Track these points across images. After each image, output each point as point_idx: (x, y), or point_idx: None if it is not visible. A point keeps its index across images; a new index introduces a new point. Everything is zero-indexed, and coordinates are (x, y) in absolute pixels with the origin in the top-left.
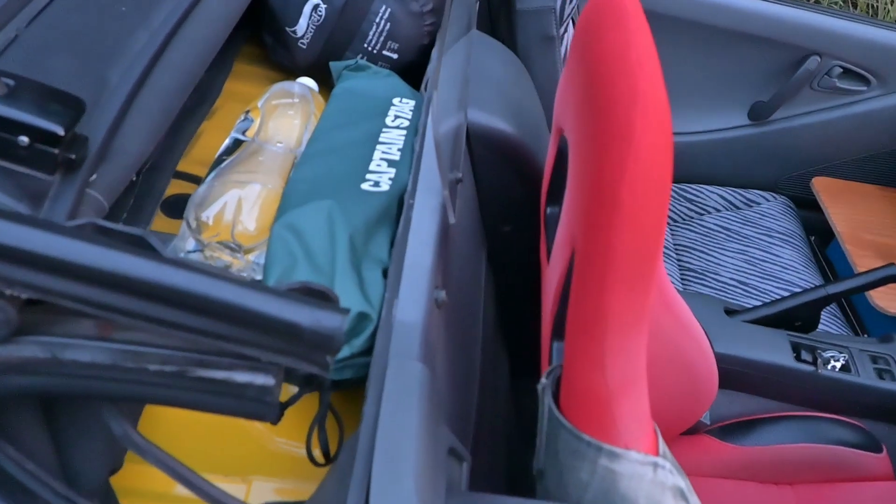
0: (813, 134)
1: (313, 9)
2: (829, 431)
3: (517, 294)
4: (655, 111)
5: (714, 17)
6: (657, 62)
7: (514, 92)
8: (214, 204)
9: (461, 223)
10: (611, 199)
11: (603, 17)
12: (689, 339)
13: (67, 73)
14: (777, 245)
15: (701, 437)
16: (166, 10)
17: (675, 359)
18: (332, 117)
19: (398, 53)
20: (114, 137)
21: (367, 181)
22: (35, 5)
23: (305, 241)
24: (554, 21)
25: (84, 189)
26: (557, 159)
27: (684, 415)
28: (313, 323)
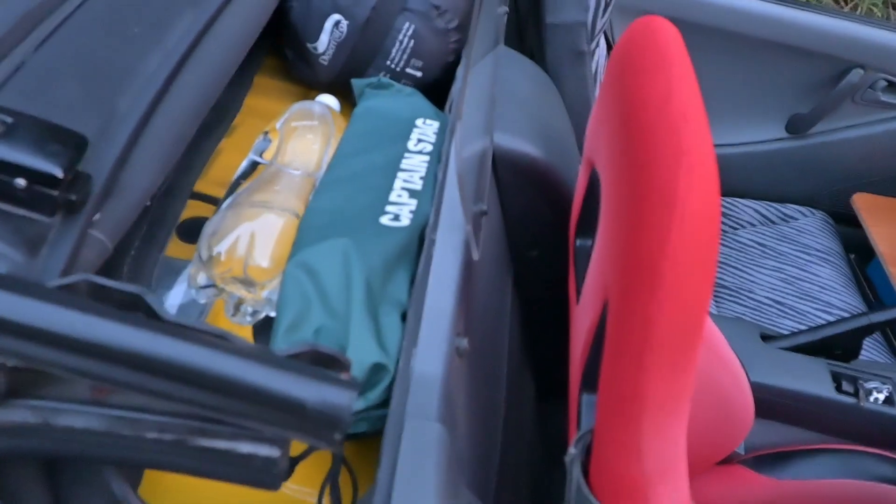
0: (854, 148)
1: (335, 25)
2: (871, 467)
3: (544, 317)
4: (702, 173)
5: (753, 27)
6: (703, 114)
7: (542, 112)
8: (227, 238)
9: (486, 249)
10: (650, 270)
11: (643, 55)
12: (725, 371)
13: (74, 102)
14: (815, 263)
15: (734, 467)
16: (181, 29)
17: (710, 391)
18: (352, 141)
19: (422, 71)
20: (121, 171)
21: (387, 214)
22: (45, 28)
23: (320, 282)
24: (585, 36)
25: (86, 230)
26: (588, 191)
27: (718, 447)
28: (319, 400)
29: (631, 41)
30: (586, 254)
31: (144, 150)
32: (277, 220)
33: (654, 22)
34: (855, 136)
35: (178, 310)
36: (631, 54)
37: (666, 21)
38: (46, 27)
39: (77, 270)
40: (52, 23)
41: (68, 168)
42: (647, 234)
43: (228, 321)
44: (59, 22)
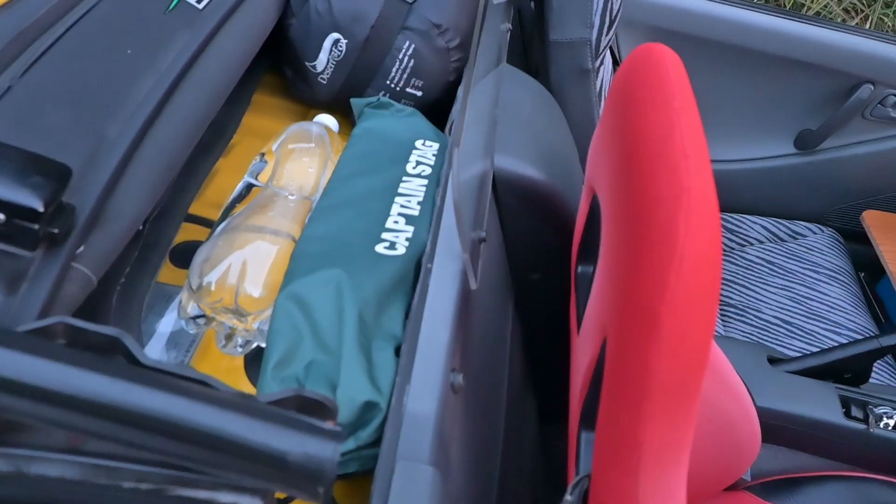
0: (864, 165)
1: (334, 44)
2: (880, 495)
3: (546, 340)
4: (702, 215)
5: (762, 42)
6: (705, 150)
7: (545, 132)
8: (218, 267)
9: (486, 272)
10: (649, 316)
11: (644, 86)
12: (730, 397)
13: (62, 128)
14: (824, 282)
15: (741, 494)
16: (176, 50)
17: (715, 418)
18: (350, 163)
19: (422, 90)
20: (108, 200)
21: (383, 242)
22: (35, 50)
23: (312, 315)
24: (589, 54)
25: (69, 264)
26: (589, 217)
27: (724, 473)
28: (301, 453)
29: (632, 70)
30: (588, 281)
31: (133, 178)
32: (271, 248)
33: (656, 51)
34: (864, 153)
35: (169, 338)
36: (632, 84)
37: (667, 50)
38: (37, 48)
39: (59, 307)
40: (44, 43)
41: (50, 201)
42: (645, 277)
43: (219, 351)
44: (50, 42)
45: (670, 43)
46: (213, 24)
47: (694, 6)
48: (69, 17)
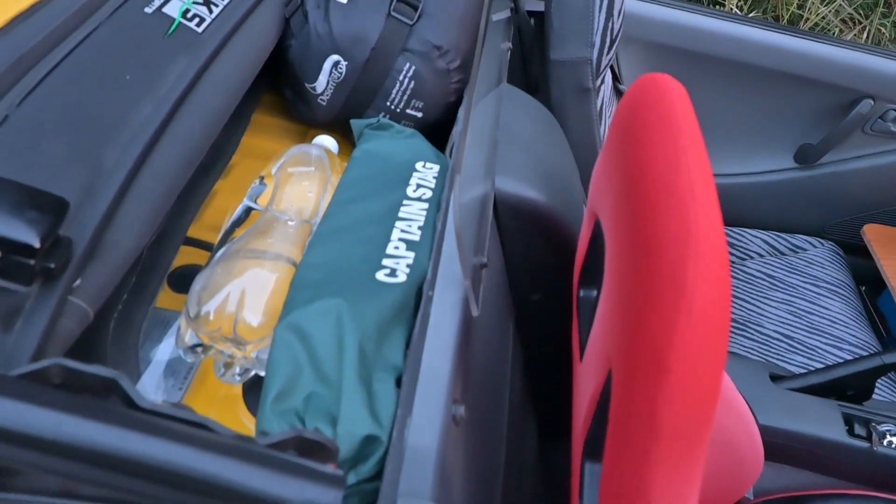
0: (864, 179)
1: (333, 65)
2: None
3: (547, 359)
4: (711, 258)
5: (762, 57)
6: (712, 187)
7: (545, 153)
8: (216, 296)
9: (487, 293)
10: (657, 362)
11: (649, 118)
12: (732, 417)
13: (59, 158)
14: (825, 296)
15: None
16: (175, 75)
17: (718, 438)
18: (349, 187)
19: (423, 112)
20: (105, 231)
21: (384, 269)
22: (33, 77)
23: (312, 346)
24: (590, 73)
25: (66, 298)
26: (592, 241)
27: (727, 493)
28: (301, 500)
29: (637, 100)
30: (590, 305)
31: (131, 207)
32: (269, 276)
33: (661, 82)
34: (865, 167)
35: (167, 366)
36: (637, 115)
37: (672, 80)
38: (34, 76)
39: (55, 343)
40: (42, 70)
41: (46, 236)
42: (653, 320)
43: (218, 380)
44: (48, 69)
45: (670, 58)
46: (212, 47)
47: (693, 22)
48: (67, 43)
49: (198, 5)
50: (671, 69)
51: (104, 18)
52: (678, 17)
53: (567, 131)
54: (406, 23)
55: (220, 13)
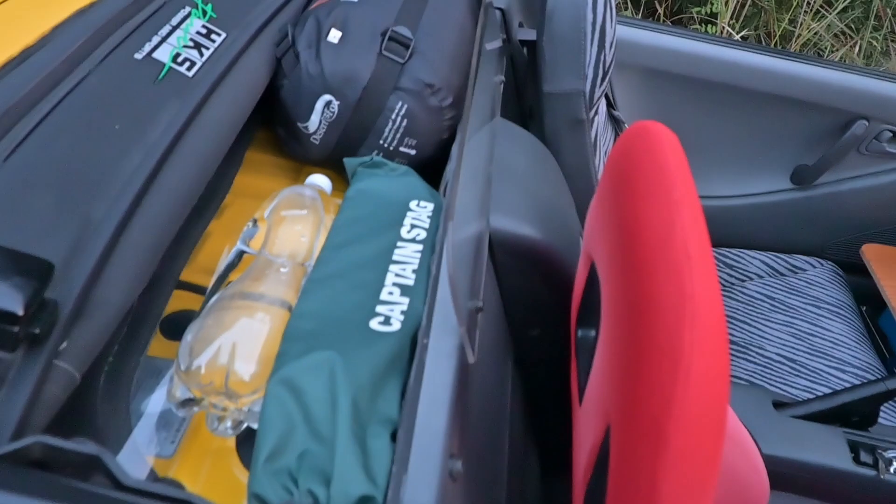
0: (861, 199)
1: (325, 105)
2: None
3: (548, 394)
4: (708, 324)
5: (755, 81)
6: (708, 247)
7: (540, 187)
8: (208, 349)
9: (484, 333)
10: (655, 430)
11: (642, 167)
12: (736, 451)
13: (46, 214)
14: (826, 317)
15: None
16: (165, 121)
17: (721, 473)
18: (343, 230)
19: (416, 149)
20: (93, 289)
21: (378, 316)
22: (19, 131)
23: (304, 402)
24: (583, 104)
25: (51, 363)
26: (588, 283)
27: None
28: None
29: (629, 150)
30: (588, 346)
31: (119, 262)
32: (262, 326)
33: (653, 131)
34: (861, 187)
35: (159, 418)
36: (630, 165)
37: (664, 129)
38: (22, 128)
39: (40, 411)
40: (30, 122)
41: (30, 303)
42: (650, 387)
43: (210, 433)
44: (36, 122)
45: (664, 83)
46: (203, 91)
47: (686, 47)
48: (56, 92)
49: (188, 49)
50: (665, 94)
51: (94, 66)
52: (671, 42)
53: (562, 162)
54: (397, 61)
55: (210, 55)
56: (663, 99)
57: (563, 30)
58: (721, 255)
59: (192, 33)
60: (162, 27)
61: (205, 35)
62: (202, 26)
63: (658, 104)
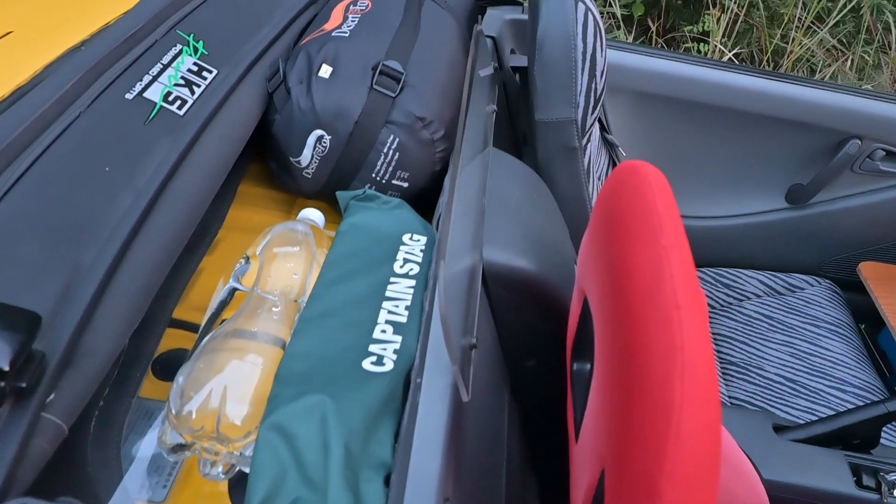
0: (857, 217)
1: (317, 140)
2: None
3: (546, 423)
4: (698, 375)
5: (748, 103)
6: (697, 294)
7: (533, 218)
8: (199, 394)
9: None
10: (647, 486)
11: (630, 209)
12: (735, 479)
13: (35, 262)
14: (825, 336)
15: None
16: (155, 162)
17: (721, 500)
18: (335, 266)
19: (408, 182)
20: (81, 338)
21: (370, 356)
22: (8, 176)
23: (296, 447)
24: (575, 132)
25: (39, 416)
26: (582, 317)
27: None
28: None
29: (617, 190)
30: (584, 380)
31: (109, 309)
32: (254, 368)
33: (641, 172)
34: (856, 205)
35: (150, 462)
36: (619, 206)
37: (652, 170)
38: (12, 173)
39: (27, 466)
40: (20, 167)
41: (17, 357)
42: (643, 438)
43: (202, 477)
44: (26, 167)
45: (656, 106)
46: (194, 130)
47: (677, 70)
48: (47, 135)
49: (179, 87)
50: (659, 117)
51: (84, 108)
52: (663, 66)
53: (556, 190)
54: (388, 95)
55: (202, 93)
56: (657, 121)
57: (554, 59)
58: (718, 275)
59: (183, 71)
60: (153, 66)
61: (196, 73)
62: (193, 63)
63: (651, 127)
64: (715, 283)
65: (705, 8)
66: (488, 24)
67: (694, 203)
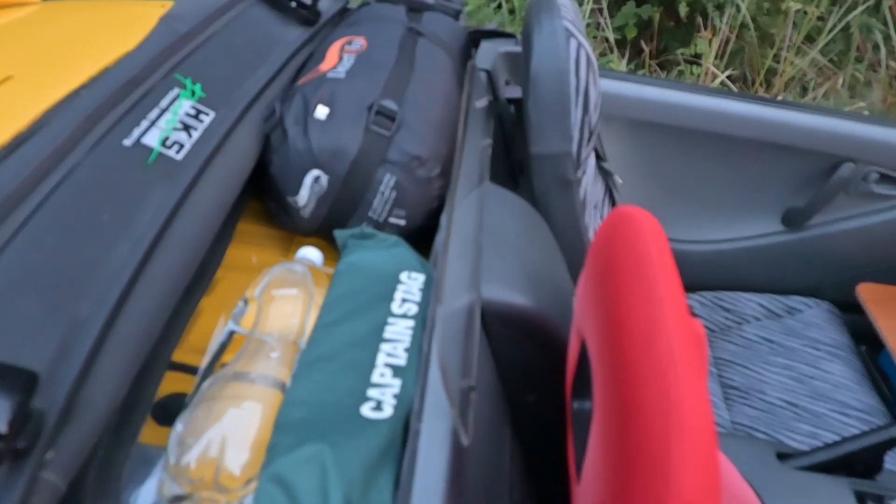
0: (853, 239)
1: (314, 180)
2: None
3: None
4: (696, 434)
5: (741, 129)
6: (693, 348)
7: (531, 253)
8: (197, 444)
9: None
10: None
11: (625, 258)
12: None
13: (33, 316)
14: (826, 359)
15: None
16: (153, 208)
17: None
18: (333, 308)
19: (406, 219)
20: (79, 393)
21: (369, 401)
22: (7, 229)
23: (296, 498)
24: (571, 165)
25: (36, 474)
26: (581, 357)
27: None
28: None
29: (611, 237)
30: (584, 419)
31: (107, 362)
32: (253, 415)
33: (635, 220)
34: (853, 227)
35: None
36: (613, 254)
37: (646, 217)
38: (10, 226)
39: None
40: (17, 219)
41: (14, 419)
42: (643, 497)
43: None
44: (24, 218)
45: (651, 134)
46: (192, 174)
47: (671, 98)
48: (45, 185)
49: (177, 131)
50: (653, 144)
51: (83, 156)
52: (656, 94)
53: (552, 222)
54: (384, 135)
55: (199, 137)
56: (651, 148)
57: (548, 94)
58: (717, 299)
59: (181, 115)
60: (151, 110)
61: (193, 116)
62: (191, 107)
63: (646, 154)
64: (714, 306)
65: (697, 30)
66: (482, 57)
67: (690, 228)
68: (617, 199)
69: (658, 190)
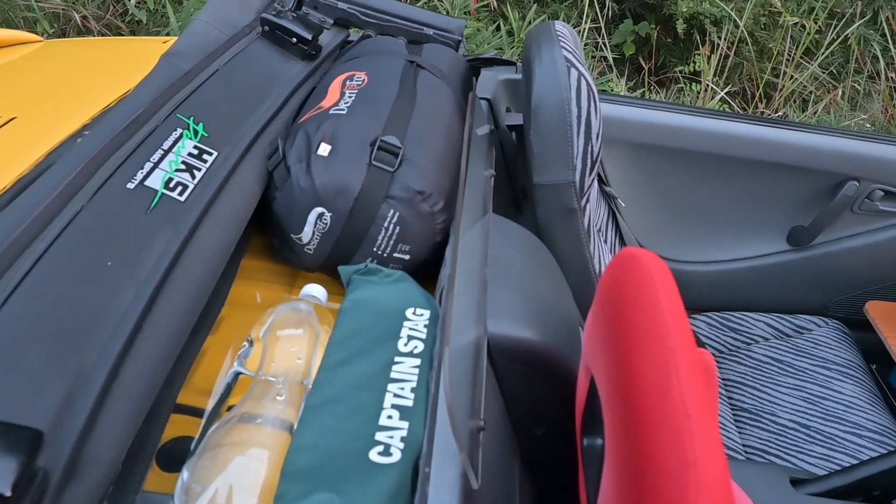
0: (860, 257)
1: (318, 217)
2: None
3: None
4: (714, 492)
5: (742, 149)
6: (706, 400)
7: (536, 285)
8: (204, 495)
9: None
10: None
11: (634, 303)
12: None
13: (37, 368)
14: (837, 379)
15: None
16: (157, 252)
17: None
18: (339, 348)
19: (410, 254)
20: (84, 447)
21: (378, 445)
22: (10, 278)
23: None
24: (574, 194)
25: None
26: (590, 394)
27: None
28: None
29: (619, 281)
30: (595, 455)
31: (112, 415)
32: (259, 464)
33: (643, 263)
34: (859, 245)
35: None
36: (622, 298)
37: (654, 260)
38: (14, 275)
39: None
40: (21, 268)
41: (19, 481)
42: None
43: None
44: (27, 268)
45: (653, 157)
46: (195, 216)
47: (672, 121)
48: (49, 231)
49: (180, 172)
50: (656, 166)
51: (86, 201)
52: (658, 117)
53: (556, 251)
54: (387, 170)
55: (202, 177)
56: (655, 171)
57: (549, 124)
58: (724, 319)
59: (184, 156)
60: (154, 152)
61: (196, 156)
62: (194, 147)
63: (650, 176)
64: (721, 327)
65: (695, 47)
66: (483, 86)
67: (696, 249)
68: (621, 223)
69: (662, 212)
